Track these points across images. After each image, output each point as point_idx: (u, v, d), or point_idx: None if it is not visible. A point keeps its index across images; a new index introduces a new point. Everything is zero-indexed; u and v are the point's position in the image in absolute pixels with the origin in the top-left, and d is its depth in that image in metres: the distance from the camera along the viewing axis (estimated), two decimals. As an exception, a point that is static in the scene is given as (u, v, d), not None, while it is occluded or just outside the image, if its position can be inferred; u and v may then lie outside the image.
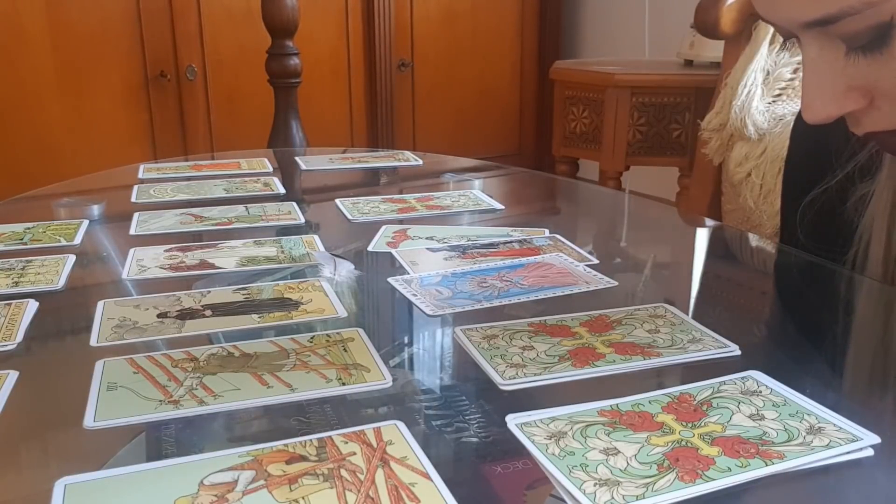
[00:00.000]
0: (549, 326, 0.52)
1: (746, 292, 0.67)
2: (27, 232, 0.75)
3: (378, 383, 0.45)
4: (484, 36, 2.81)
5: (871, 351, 0.54)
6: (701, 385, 0.44)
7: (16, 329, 0.53)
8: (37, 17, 2.12)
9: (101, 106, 2.25)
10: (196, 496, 0.35)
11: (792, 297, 0.65)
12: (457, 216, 0.82)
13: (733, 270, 0.74)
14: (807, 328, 0.57)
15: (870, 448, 0.38)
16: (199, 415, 0.42)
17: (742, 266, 0.74)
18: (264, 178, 0.96)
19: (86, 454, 0.41)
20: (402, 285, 0.60)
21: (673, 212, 1.16)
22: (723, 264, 0.73)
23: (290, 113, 1.71)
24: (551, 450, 0.38)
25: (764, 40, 1.44)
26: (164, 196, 0.89)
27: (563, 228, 0.75)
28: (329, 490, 0.35)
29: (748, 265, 0.73)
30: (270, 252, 0.69)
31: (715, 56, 1.83)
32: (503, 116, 2.92)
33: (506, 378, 0.45)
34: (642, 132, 1.92)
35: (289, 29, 1.65)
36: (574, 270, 0.63)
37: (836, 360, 0.52)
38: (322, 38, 2.52)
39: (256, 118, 2.22)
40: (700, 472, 0.36)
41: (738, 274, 0.73)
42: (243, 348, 0.49)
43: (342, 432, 0.39)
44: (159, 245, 0.71)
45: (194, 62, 2.33)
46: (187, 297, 0.58)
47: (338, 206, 0.84)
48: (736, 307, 0.64)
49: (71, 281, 0.63)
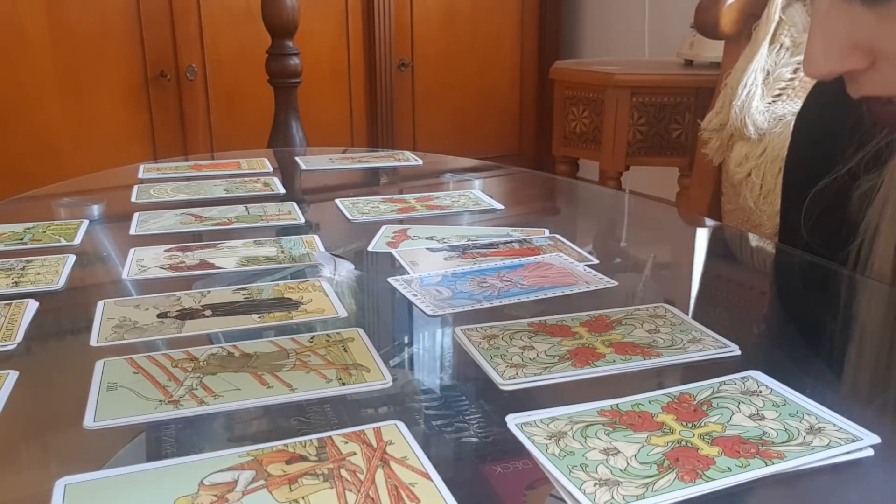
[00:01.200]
0: (549, 326, 0.52)
1: (746, 292, 0.67)
2: (27, 232, 0.75)
3: (378, 383, 0.45)
4: (484, 36, 2.81)
5: (871, 351, 0.54)
6: (701, 385, 0.44)
7: (16, 329, 0.53)
8: (37, 18, 2.12)
9: (101, 106, 2.25)
10: (196, 496, 0.35)
11: (792, 297, 0.65)
12: (457, 216, 0.82)
13: (733, 270, 0.74)
14: (807, 328, 0.57)
15: (870, 448, 0.38)
16: (199, 415, 0.42)
17: (742, 266, 0.74)
18: (264, 178, 0.96)
19: (86, 454, 0.41)
20: (402, 285, 0.60)
21: (673, 212, 1.16)
22: (723, 264, 0.73)
23: (290, 113, 1.71)
24: (551, 450, 0.38)
25: (764, 40, 1.43)
26: (164, 196, 0.89)
27: (563, 228, 0.75)
28: (329, 490, 0.35)
29: (748, 265, 0.73)
30: (270, 252, 0.69)
31: (715, 56, 1.83)
32: (503, 116, 2.92)
33: (506, 378, 0.45)
34: (642, 132, 1.92)
35: (289, 29, 1.65)
36: (574, 270, 0.63)
37: (836, 360, 0.52)
38: (322, 38, 2.52)
39: (256, 118, 2.22)
40: (700, 472, 0.36)
41: (738, 274, 0.73)
42: (243, 348, 0.49)
43: (342, 432, 0.39)
44: (159, 245, 0.71)
45: (194, 62, 2.33)
46: (187, 297, 0.58)
47: (338, 206, 0.84)
48: (736, 307, 0.64)
49: (71, 281, 0.63)
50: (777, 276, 0.70)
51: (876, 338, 0.57)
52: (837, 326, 0.58)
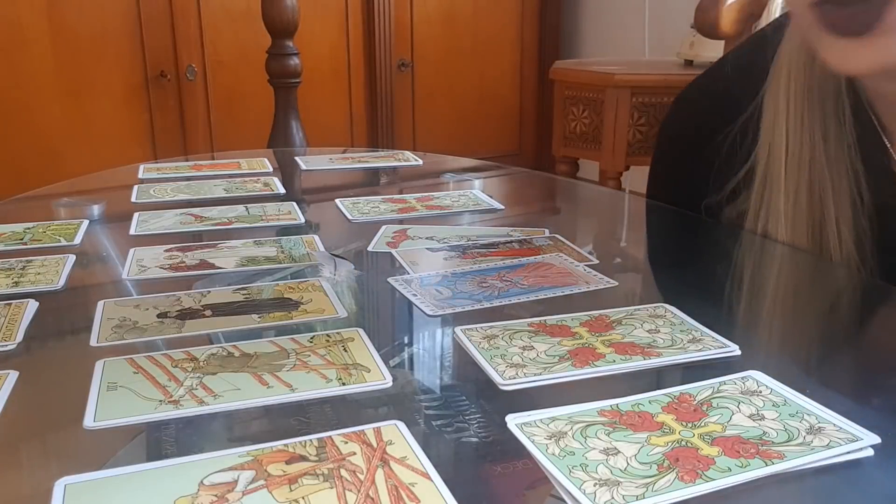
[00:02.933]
0: (549, 326, 0.52)
1: (746, 292, 0.67)
2: (27, 232, 0.75)
3: (378, 383, 0.45)
4: (484, 36, 2.81)
5: (871, 351, 0.54)
6: (701, 385, 0.44)
7: (16, 329, 0.53)
8: (37, 18, 2.12)
9: (101, 106, 2.25)
10: (196, 496, 0.34)
11: (792, 297, 0.65)
12: (457, 216, 0.82)
13: (734, 270, 0.74)
14: (807, 328, 0.57)
15: (870, 448, 0.38)
16: (199, 415, 0.42)
17: (742, 266, 0.74)
18: (264, 178, 0.96)
19: (86, 454, 0.41)
20: (402, 285, 0.60)
21: (673, 212, 1.16)
22: (723, 264, 0.73)
23: (290, 113, 1.71)
24: (551, 450, 0.38)
25: (764, 40, 1.43)
26: (164, 196, 0.89)
27: (563, 228, 0.75)
28: (329, 490, 0.35)
29: (748, 265, 0.73)
30: (270, 252, 0.69)
31: (715, 56, 1.83)
32: (503, 116, 2.93)
33: (506, 378, 0.45)
34: (642, 132, 1.92)
35: (289, 29, 1.65)
36: (574, 270, 0.63)
37: (836, 360, 0.52)
38: (322, 38, 2.52)
39: (256, 118, 2.22)
40: (700, 472, 0.36)
41: (738, 274, 0.72)
42: (243, 348, 0.49)
43: (342, 432, 0.39)
44: (159, 245, 0.71)
45: (194, 62, 2.33)
46: (187, 297, 0.58)
47: (338, 206, 0.84)
48: (736, 307, 0.64)
49: (71, 281, 0.63)
50: (777, 276, 0.70)
51: (876, 337, 0.57)
52: (838, 326, 0.58)
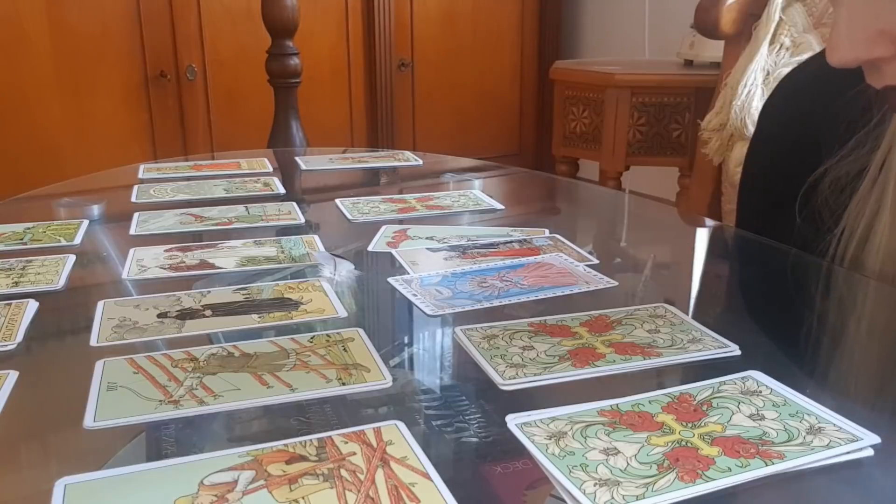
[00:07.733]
0: (549, 326, 0.52)
1: (746, 292, 0.67)
2: (27, 232, 0.75)
3: (378, 383, 0.45)
4: (484, 36, 2.81)
5: (870, 350, 0.54)
6: (701, 385, 0.44)
7: (16, 329, 0.53)
8: (37, 18, 2.12)
9: (101, 106, 2.25)
10: (196, 496, 0.34)
11: (792, 297, 0.65)
12: (457, 216, 0.82)
13: (733, 270, 0.74)
14: (807, 328, 0.57)
15: (870, 448, 0.38)
16: (199, 415, 0.42)
17: (742, 266, 0.74)
18: (264, 178, 0.96)
19: (86, 454, 0.41)
20: (402, 285, 0.60)
21: (673, 212, 1.16)
22: (723, 264, 0.73)
23: (290, 113, 1.71)
24: (551, 450, 0.38)
25: (764, 40, 1.44)
26: (164, 196, 0.88)
27: (563, 228, 0.75)
28: (329, 490, 0.35)
29: (748, 265, 0.73)
30: (270, 252, 0.69)
31: (715, 56, 1.83)
32: (503, 116, 2.93)
33: (506, 378, 0.45)
34: (642, 132, 1.92)
35: (289, 29, 1.65)
36: (574, 270, 0.63)
37: (836, 360, 0.52)
38: (322, 38, 2.52)
39: (256, 118, 2.22)
40: (700, 472, 0.36)
41: (738, 274, 0.72)
42: (243, 348, 0.49)
43: (342, 432, 0.39)
44: (159, 245, 0.71)
45: (194, 62, 2.33)
46: (187, 297, 0.58)
47: (338, 206, 0.84)
48: (736, 307, 0.64)
49: (71, 281, 0.63)
50: (777, 276, 0.70)
51: (876, 337, 0.57)
52: (838, 326, 0.58)
